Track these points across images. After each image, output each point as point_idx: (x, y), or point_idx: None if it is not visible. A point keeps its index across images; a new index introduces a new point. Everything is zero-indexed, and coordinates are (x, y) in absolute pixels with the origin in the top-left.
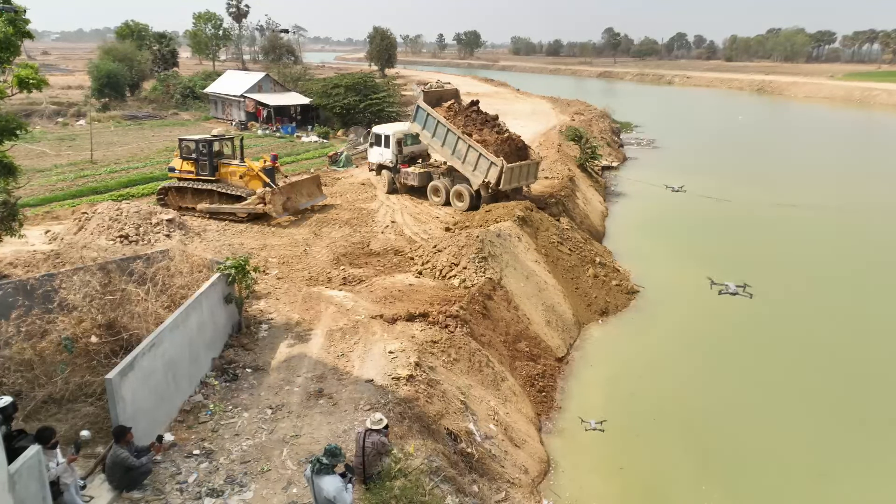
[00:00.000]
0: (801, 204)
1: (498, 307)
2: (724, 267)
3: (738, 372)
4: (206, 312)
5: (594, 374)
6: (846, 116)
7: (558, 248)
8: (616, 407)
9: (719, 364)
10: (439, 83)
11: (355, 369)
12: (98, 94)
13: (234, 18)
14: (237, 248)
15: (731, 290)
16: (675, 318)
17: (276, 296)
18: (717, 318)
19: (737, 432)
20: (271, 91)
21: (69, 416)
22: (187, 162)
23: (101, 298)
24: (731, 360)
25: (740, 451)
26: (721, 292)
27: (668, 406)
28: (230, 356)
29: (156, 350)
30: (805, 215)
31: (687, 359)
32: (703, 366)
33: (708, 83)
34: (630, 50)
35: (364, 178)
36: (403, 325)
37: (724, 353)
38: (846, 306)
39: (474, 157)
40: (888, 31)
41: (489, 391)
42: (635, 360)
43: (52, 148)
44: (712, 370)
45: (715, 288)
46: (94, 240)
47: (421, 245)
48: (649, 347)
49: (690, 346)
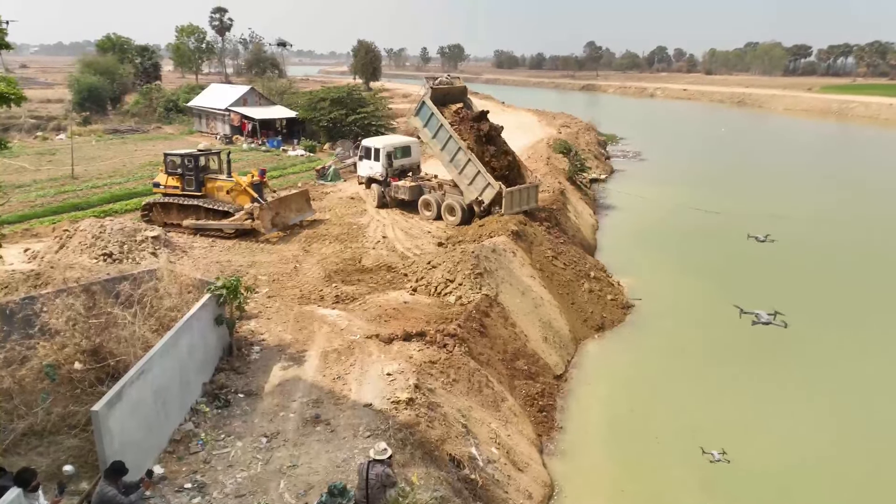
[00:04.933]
0: (790, 216)
1: (495, 324)
2: (718, 280)
3: (737, 386)
4: (196, 335)
5: (593, 392)
6: (826, 128)
7: (553, 262)
8: (617, 426)
9: (718, 379)
10: (449, 78)
11: (353, 393)
12: (79, 108)
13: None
14: (225, 265)
15: (764, 319)
16: (670, 332)
17: (267, 315)
18: (713, 331)
19: (740, 451)
20: (256, 104)
21: (51, 450)
22: (173, 177)
23: (85, 322)
24: (730, 375)
25: (744, 471)
26: (753, 322)
27: (670, 424)
28: (222, 381)
29: (145, 377)
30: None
31: (685, 374)
32: (702, 381)
33: (689, 96)
34: (612, 63)
35: (353, 191)
36: (400, 345)
37: (723, 367)
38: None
39: (472, 172)
40: (862, 46)
41: (490, 412)
42: (634, 376)
43: (31, 163)
44: (711, 385)
45: (745, 318)
46: (76, 258)
47: (414, 261)
48: (647, 363)
49: (688, 361)
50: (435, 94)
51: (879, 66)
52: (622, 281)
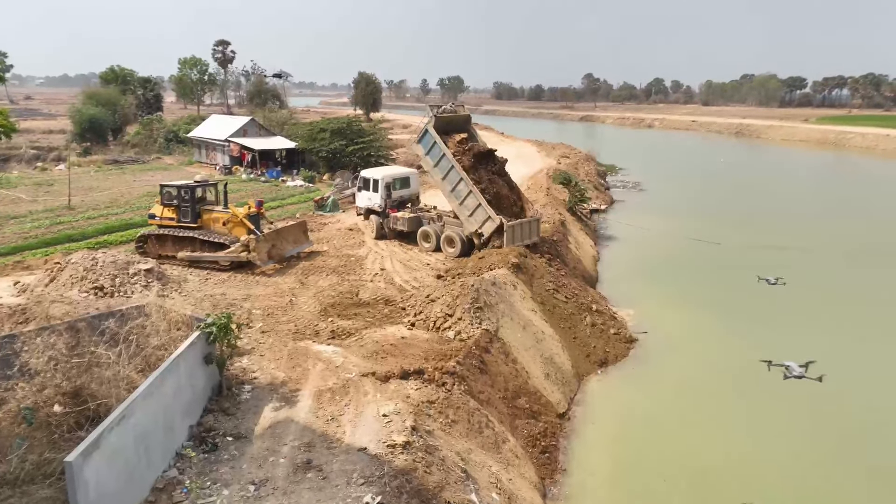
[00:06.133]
0: (792, 246)
1: (496, 361)
2: (723, 313)
3: (748, 426)
4: (183, 376)
5: (598, 431)
6: (824, 159)
7: (554, 295)
8: (623, 468)
9: (725, 417)
10: (453, 106)
11: (347, 436)
12: (79, 139)
13: (219, 64)
14: (219, 299)
15: (796, 373)
16: (676, 367)
17: (259, 351)
18: (719, 367)
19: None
20: (256, 135)
21: (23, 501)
22: (168, 208)
23: (67, 362)
24: (738, 413)
25: None
26: (785, 377)
27: (677, 465)
28: (209, 423)
29: (125, 423)
30: (796, 257)
31: (692, 412)
32: (708, 419)
33: (687, 126)
34: (610, 94)
35: (351, 223)
36: (397, 384)
37: (729, 404)
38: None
39: (473, 204)
40: (856, 78)
41: (490, 455)
42: (639, 415)
43: (28, 193)
44: (719, 424)
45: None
46: (66, 292)
47: (412, 294)
48: (653, 400)
49: (694, 398)
50: (438, 123)
51: (874, 98)
52: (625, 314)
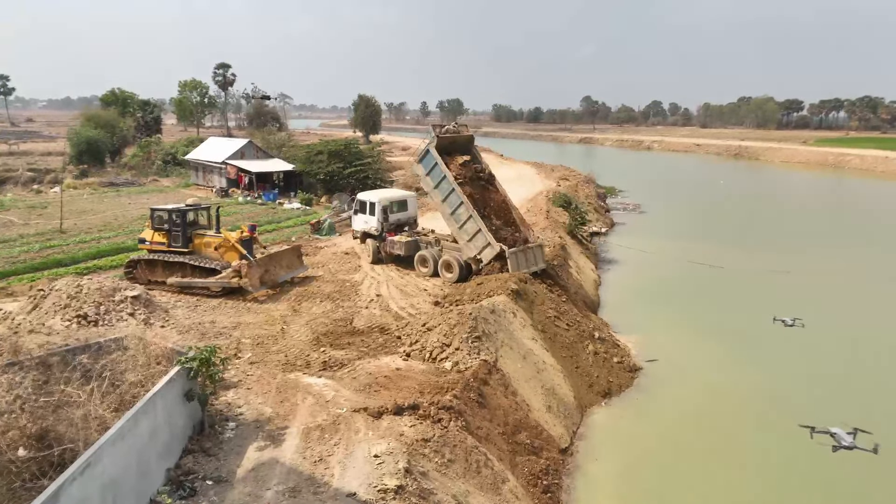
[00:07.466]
0: (796, 270)
1: (495, 393)
2: (727, 340)
3: (757, 461)
4: (160, 415)
5: (602, 468)
6: (823, 181)
7: (555, 323)
8: None
9: (733, 453)
10: (456, 126)
11: (335, 479)
12: (77, 161)
13: (220, 87)
14: (208, 327)
15: (846, 443)
16: (680, 397)
17: (247, 384)
18: (725, 397)
19: None
20: (254, 157)
21: None
22: (159, 233)
23: (35, 401)
24: (747, 448)
25: None
26: (835, 448)
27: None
28: (188, 465)
29: (91, 472)
30: (800, 281)
31: (698, 446)
32: (715, 454)
33: (685, 148)
34: (608, 117)
35: (348, 246)
36: (391, 420)
37: (737, 438)
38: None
39: (473, 229)
40: (853, 100)
41: (489, 497)
42: (645, 449)
43: (21, 216)
44: (726, 461)
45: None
46: (48, 320)
47: (409, 322)
48: (658, 433)
49: (700, 431)
50: (440, 143)
51: (871, 120)
52: (628, 341)
